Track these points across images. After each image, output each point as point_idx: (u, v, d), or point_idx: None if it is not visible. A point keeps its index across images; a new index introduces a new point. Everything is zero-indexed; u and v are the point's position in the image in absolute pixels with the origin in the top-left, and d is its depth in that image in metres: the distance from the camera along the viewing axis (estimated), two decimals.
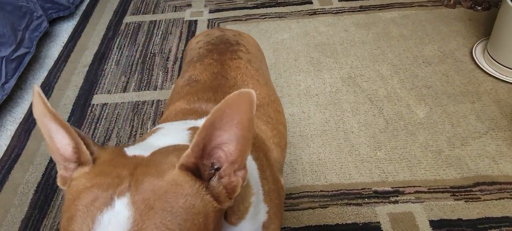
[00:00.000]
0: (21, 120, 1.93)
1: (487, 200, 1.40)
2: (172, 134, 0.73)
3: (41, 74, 2.24)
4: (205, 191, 0.53)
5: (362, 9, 2.44)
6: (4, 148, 1.80)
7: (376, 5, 2.46)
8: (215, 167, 0.56)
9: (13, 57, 1.92)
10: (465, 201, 1.40)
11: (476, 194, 1.42)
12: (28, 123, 1.89)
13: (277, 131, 0.99)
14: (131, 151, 0.60)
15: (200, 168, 0.53)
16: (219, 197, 0.55)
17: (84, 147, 0.56)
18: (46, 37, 2.48)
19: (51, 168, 1.66)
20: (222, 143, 0.53)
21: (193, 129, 0.74)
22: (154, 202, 0.49)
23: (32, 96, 0.58)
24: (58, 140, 0.57)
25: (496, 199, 1.40)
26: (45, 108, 0.55)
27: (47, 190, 1.57)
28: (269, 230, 0.78)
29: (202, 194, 0.53)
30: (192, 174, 0.53)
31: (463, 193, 1.43)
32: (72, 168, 0.57)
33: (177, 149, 0.59)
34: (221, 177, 0.55)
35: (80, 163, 0.56)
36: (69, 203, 0.52)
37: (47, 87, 2.10)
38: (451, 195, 1.42)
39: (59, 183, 0.59)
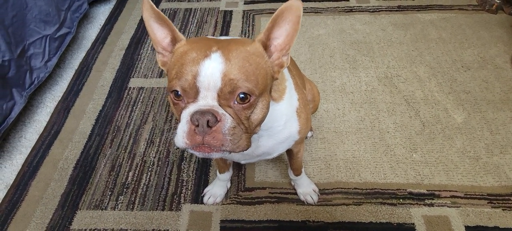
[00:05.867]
0: (60, 98, 1.99)
1: None
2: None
3: (79, 54, 2.29)
4: (267, 60, 0.84)
5: (400, 9, 2.41)
6: (44, 123, 1.85)
7: (415, 6, 2.42)
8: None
9: (56, 36, 1.97)
10: (503, 210, 1.38)
11: None
12: (67, 101, 1.95)
13: (301, 78, 1.37)
14: None
15: (266, 46, 0.84)
16: (273, 68, 0.86)
17: (178, 31, 0.86)
18: (84, 19, 2.53)
19: (89, 146, 1.71)
20: (274, 38, 0.84)
21: None
22: (237, 55, 0.77)
23: (141, 5, 0.87)
24: (159, 34, 0.88)
25: None
26: (152, 12, 0.85)
27: (86, 167, 1.62)
28: (301, 119, 1.05)
29: (266, 60, 0.84)
30: (263, 48, 0.84)
31: (501, 202, 1.41)
32: (167, 54, 0.88)
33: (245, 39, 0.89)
34: (274, 59, 0.86)
35: (176, 41, 0.86)
36: (176, 60, 0.81)
37: (85, 68, 2.15)
38: (488, 202, 1.40)
39: (159, 64, 0.90)
